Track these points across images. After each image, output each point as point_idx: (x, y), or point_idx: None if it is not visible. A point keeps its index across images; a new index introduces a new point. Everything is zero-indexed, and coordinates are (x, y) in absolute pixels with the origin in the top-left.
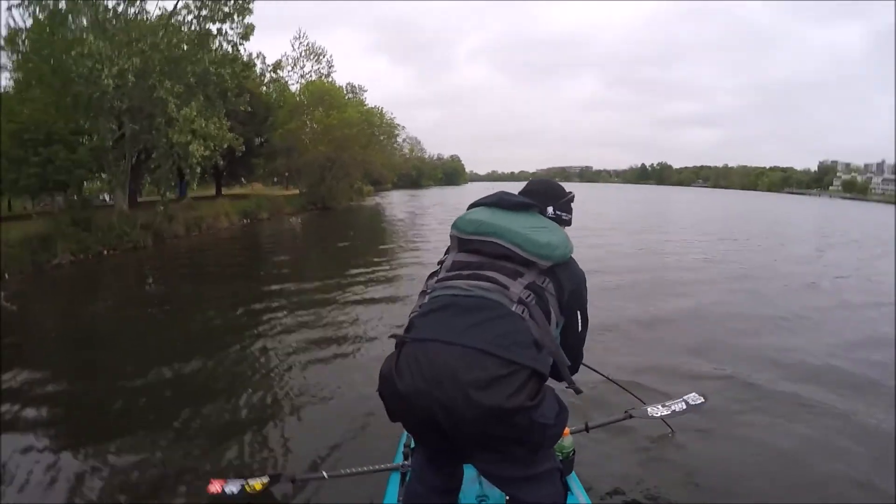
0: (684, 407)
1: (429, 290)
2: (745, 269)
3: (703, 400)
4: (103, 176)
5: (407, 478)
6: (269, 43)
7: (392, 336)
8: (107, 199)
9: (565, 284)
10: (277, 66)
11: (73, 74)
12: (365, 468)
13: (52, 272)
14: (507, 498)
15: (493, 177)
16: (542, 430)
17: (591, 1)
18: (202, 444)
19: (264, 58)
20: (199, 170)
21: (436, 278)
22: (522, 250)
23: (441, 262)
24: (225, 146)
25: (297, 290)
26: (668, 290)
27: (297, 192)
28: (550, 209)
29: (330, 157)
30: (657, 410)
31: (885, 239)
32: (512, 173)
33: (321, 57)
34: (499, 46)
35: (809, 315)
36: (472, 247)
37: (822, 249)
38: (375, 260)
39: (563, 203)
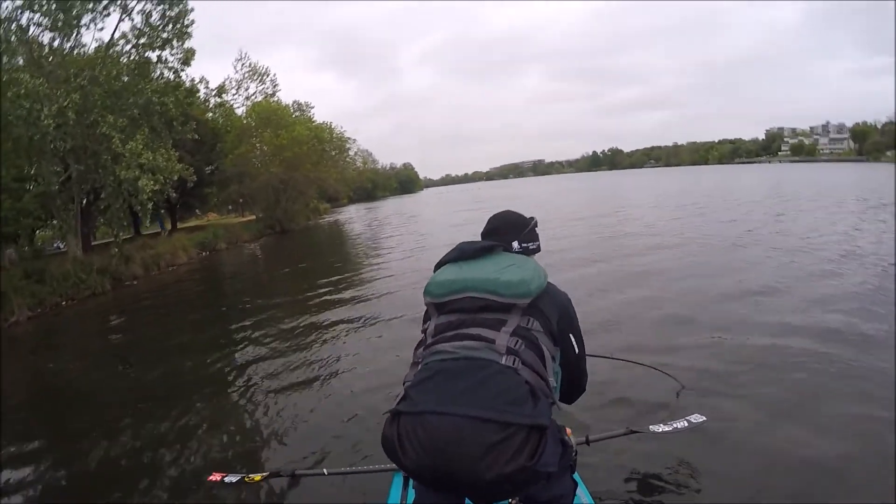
0: (686, 425)
1: (419, 360)
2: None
3: (704, 419)
4: (53, 222)
5: (410, 480)
6: (210, 68)
7: (387, 413)
8: (60, 246)
9: (550, 314)
10: (221, 89)
11: (11, 117)
12: (367, 468)
13: (10, 330)
14: (511, 500)
15: (447, 180)
16: (546, 476)
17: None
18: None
19: (207, 82)
20: (150, 205)
21: (422, 347)
22: (498, 295)
23: (424, 331)
24: (175, 178)
25: (267, 319)
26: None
27: (252, 217)
28: (515, 243)
29: (282, 178)
30: (659, 428)
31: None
32: (466, 175)
33: (265, 77)
34: (443, 50)
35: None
36: (449, 308)
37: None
38: (342, 276)
39: (528, 233)
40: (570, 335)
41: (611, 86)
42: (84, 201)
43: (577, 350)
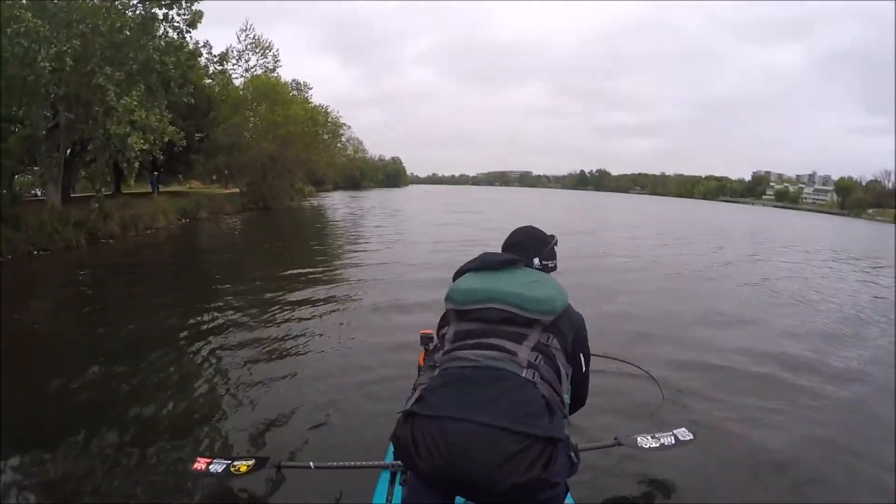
0: (673, 441)
1: (438, 364)
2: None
3: (691, 437)
4: (35, 168)
5: (397, 478)
6: (213, 37)
7: (401, 412)
8: (38, 193)
9: (568, 333)
10: (223, 57)
11: (7, 55)
12: (354, 463)
13: None
14: None
15: (433, 179)
16: (555, 486)
17: (545, 5)
18: (177, 432)
19: (211, 47)
20: (137, 164)
21: (441, 352)
22: (523, 310)
23: (442, 335)
24: (165, 140)
25: (243, 294)
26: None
27: (236, 190)
28: (536, 260)
29: (273, 155)
30: (646, 441)
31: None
32: (453, 176)
33: (268, 51)
34: (448, 50)
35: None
36: (471, 316)
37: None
38: (321, 259)
39: (549, 251)
40: (581, 354)
41: (606, 108)
42: (69, 151)
43: (584, 369)
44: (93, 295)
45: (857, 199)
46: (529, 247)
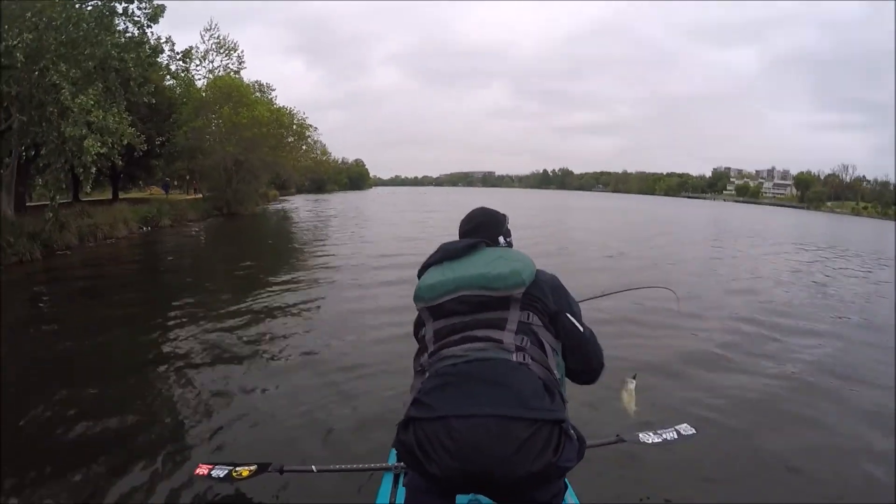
0: (675, 437)
1: (426, 368)
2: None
3: (693, 431)
4: None
5: (400, 480)
6: (176, 39)
7: (406, 418)
8: None
9: (546, 300)
10: (187, 54)
11: None
12: (356, 466)
13: None
14: None
15: (396, 181)
16: (566, 471)
17: (511, 9)
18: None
19: (173, 44)
20: (93, 169)
21: (425, 355)
22: (493, 290)
23: (421, 338)
24: (125, 143)
25: (214, 304)
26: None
27: (199, 196)
28: (501, 238)
29: (237, 158)
30: (648, 437)
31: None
32: (416, 178)
33: (232, 52)
34: (414, 53)
35: None
36: (445, 311)
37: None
38: (292, 265)
39: (506, 229)
40: (569, 315)
41: (565, 108)
42: (23, 156)
43: (581, 329)
44: (52, 313)
45: (816, 192)
46: (491, 226)
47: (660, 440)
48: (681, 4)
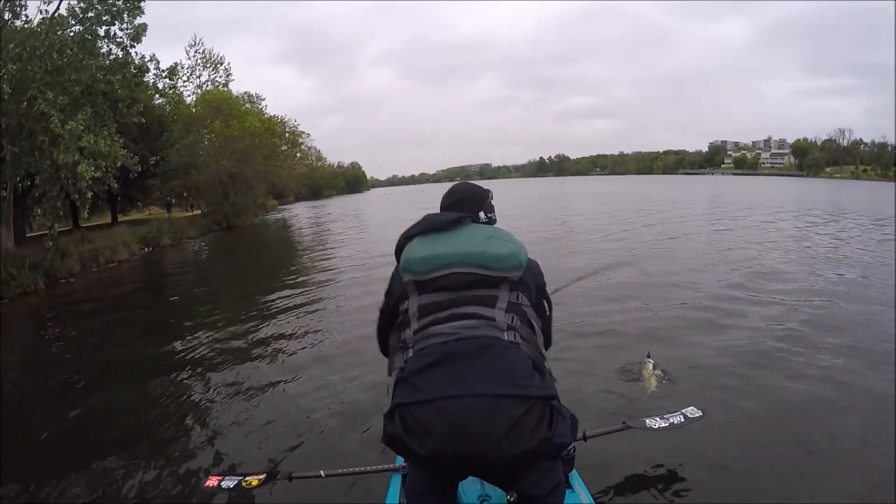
0: (682, 420)
1: (410, 344)
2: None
3: (700, 413)
4: None
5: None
6: (161, 56)
7: (393, 404)
8: None
9: (531, 285)
10: (173, 71)
11: None
12: (364, 468)
13: None
14: (509, 497)
15: (394, 181)
16: (561, 447)
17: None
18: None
19: (158, 62)
20: (89, 195)
21: (409, 330)
22: (490, 270)
23: (404, 310)
24: (118, 165)
25: (221, 321)
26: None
27: (197, 213)
28: (482, 214)
29: (232, 171)
30: (655, 423)
31: None
32: (413, 176)
33: (219, 65)
34: (403, 51)
35: None
36: (435, 285)
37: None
38: (294, 275)
39: (489, 204)
40: (544, 301)
41: (560, 94)
42: (20, 188)
43: (548, 313)
44: (58, 335)
45: (813, 158)
46: (473, 201)
47: (666, 424)
48: None
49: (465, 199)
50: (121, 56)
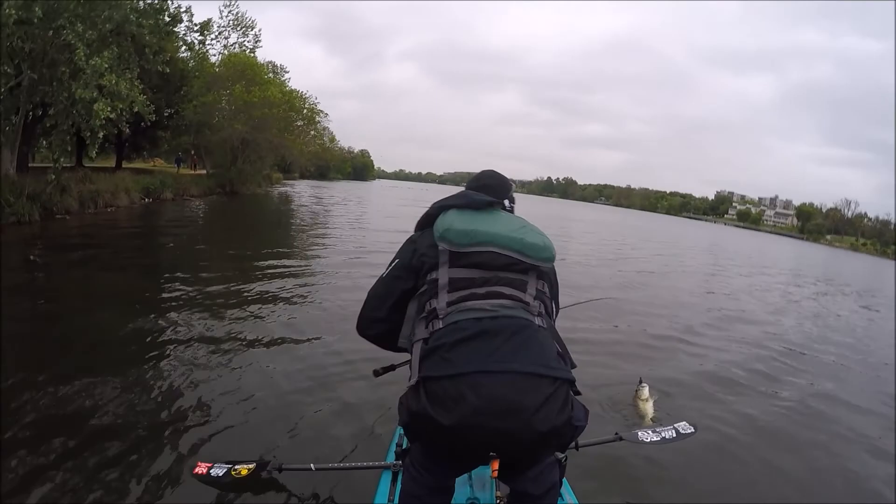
0: (674, 435)
1: (441, 315)
2: None
3: (692, 430)
4: None
5: (399, 477)
6: (197, 10)
7: (420, 377)
8: None
9: (553, 281)
10: (205, 26)
11: None
12: (355, 464)
13: None
14: (498, 501)
15: (400, 175)
16: (576, 431)
17: (533, 17)
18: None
19: (192, 14)
20: (101, 134)
21: (436, 300)
22: (526, 256)
23: (433, 280)
24: (134, 110)
25: (215, 283)
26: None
27: (201, 172)
28: (507, 202)
29: (245, 137)
30: (647, 436)
31: None
32: (419, 174)
33: (249, 30)
34: (432, 51)
35: None
36: (468, 260)
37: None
38: (293, 246)
39: (512, 195)
40: (554, 303)
41: (576, 119)
42: (30, 115)
43: (555, 314)
44: (47, 284)
45: (816, 224)
46: (501, 188)
47: (658, 439)
48: (703, 26)
49: (494, 185)
50: (157, 2)
